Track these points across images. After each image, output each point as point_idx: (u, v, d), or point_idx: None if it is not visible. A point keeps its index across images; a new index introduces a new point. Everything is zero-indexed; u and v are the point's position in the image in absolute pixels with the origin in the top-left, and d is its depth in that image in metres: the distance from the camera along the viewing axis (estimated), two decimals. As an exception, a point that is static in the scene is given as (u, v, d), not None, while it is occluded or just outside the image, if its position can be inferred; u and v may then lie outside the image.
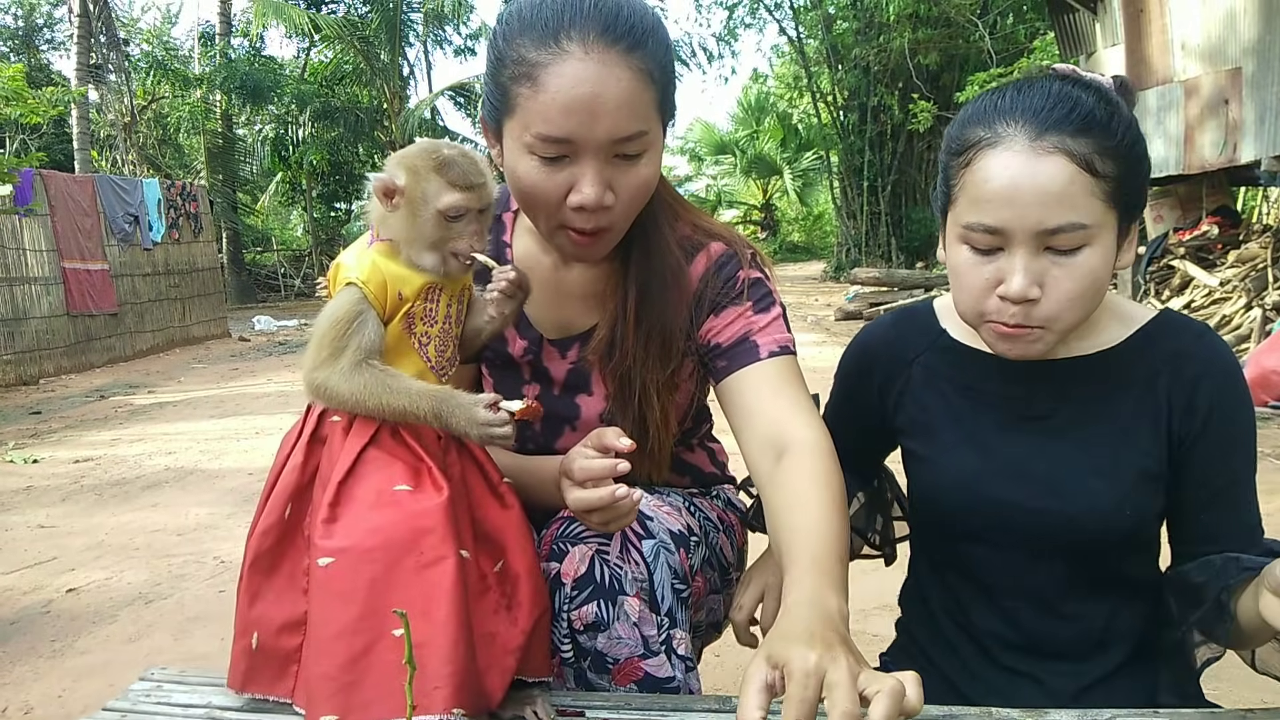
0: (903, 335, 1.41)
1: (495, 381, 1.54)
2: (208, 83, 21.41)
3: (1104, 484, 1.24)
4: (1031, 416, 1.29)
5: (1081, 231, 1.11)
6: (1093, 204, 1.11)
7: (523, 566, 1.22)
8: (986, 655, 1.35)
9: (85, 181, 12.51)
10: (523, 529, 1.25)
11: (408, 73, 22.92)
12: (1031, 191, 1.10)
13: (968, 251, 1.18)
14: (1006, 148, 1.12)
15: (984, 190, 1.13)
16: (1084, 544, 1.27)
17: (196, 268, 14.80)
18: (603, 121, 1.23)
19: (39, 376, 11.01)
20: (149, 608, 3.65)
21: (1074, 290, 1.14)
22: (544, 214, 1.32)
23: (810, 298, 17.30)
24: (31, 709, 2.87)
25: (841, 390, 1.49)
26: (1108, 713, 1.15)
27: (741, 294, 1.42)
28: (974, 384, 1.33)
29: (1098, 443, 1.25)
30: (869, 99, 20.33)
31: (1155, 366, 1.25)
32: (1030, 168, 1.10)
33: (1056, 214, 1.10)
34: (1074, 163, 1.09)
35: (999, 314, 1.17)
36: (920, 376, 1.37)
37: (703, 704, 1.23)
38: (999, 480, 1.28)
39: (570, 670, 1.29)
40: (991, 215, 1.13)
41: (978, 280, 1.18)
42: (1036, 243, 1.12)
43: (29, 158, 11.16)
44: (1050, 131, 1.11)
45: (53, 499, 5.47)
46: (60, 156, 18.41)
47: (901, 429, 1.40)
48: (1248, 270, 8.14)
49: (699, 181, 36.39)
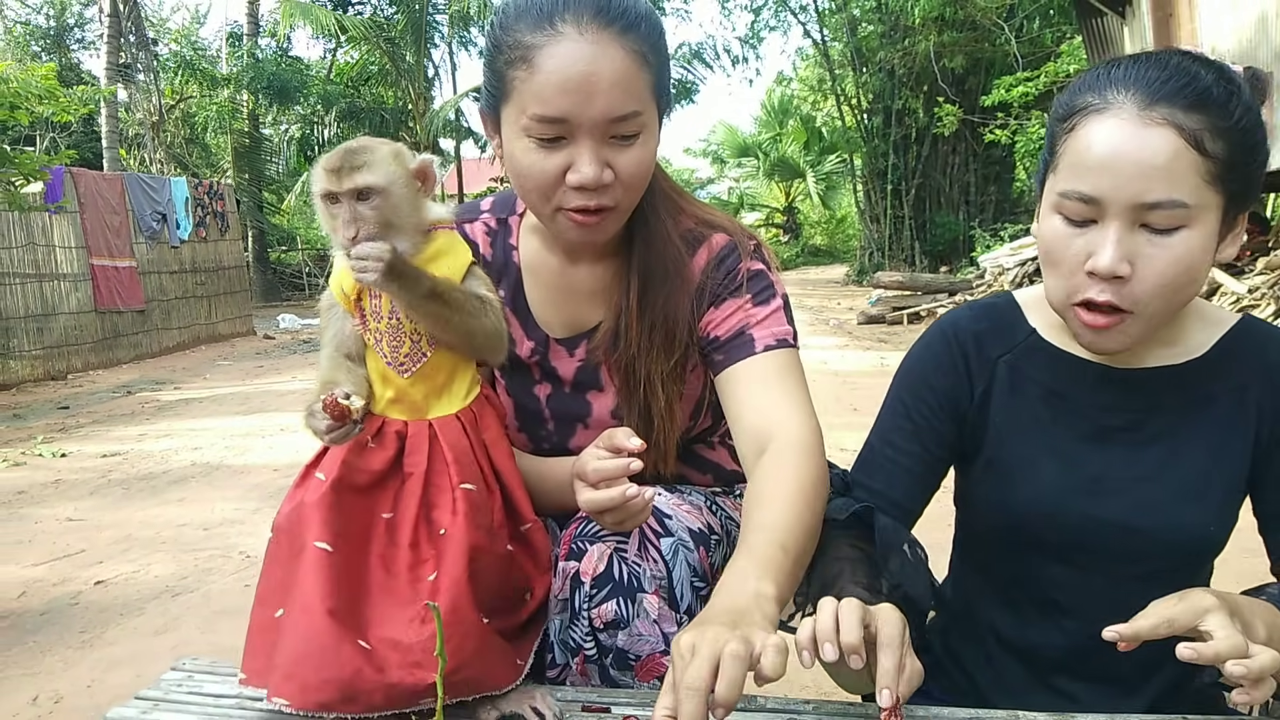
0: (988, 330, 1.31)
1: (507, 383, 1.55)
2: (235, 82, 21.61)
3: (1193, 500, 1.20)
4: (1118, 428, 1.23)
5: (1181, 210, 1.05)
6: (1196, 183, 1.05)
7: (450, 580, 1.17)
8: (1033, 672, 1.32)
9: (114, 179, 12.66)
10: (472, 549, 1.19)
11: (433, 74, 23.12)
12: (1133, 162, 1.05)
13: (1060, 222, 1.12)
14: (1114, 115, 1.07)
15: (1085, 157, 1.08)
16: (1167, 562, 1.22)
17: (223, 266, 14.94)
18: (597, 100, 1.25)
19: (67, 372, 11.15)
20: (176, 601, 3.70)
21: (1166, 273, 1.07)
22: (543, 197, 1.33)
23: (833, 301, 17.25)
24: (62, 698, 2.92)
25: (913, 393, 1.33)
26: (1135, 718, 1.16)
27: (741, 286, 1.43)
28: (1061, 389, 1.26)
29: (1186, 457, 1.21)
30: (893, 102, 20.26)
31: (1244, 379, 1.20)
32: (1135, 137, 1.05)
33: (1156, 188, 1.04)
34: (1182, 137, 1.04)
35: (1086, 293, 1.11)
36: (1005, 377, 1.29)
37: (725, 701, 1.24)
38: (1085, 496, 1.23)
39: (594, 667, 1.30)
40: (1089, 183, 1.07)
41: (1068, 254, 1.12)
42: (1132, 217, 1.06)
43: (60, 155, 11.32)
44: (1161, 103, 1.05)
45: (81, 492, 5.55)
46: (89, 155, 18.62)
47: (977, 435, 1.31)
48: (1276, 277, 8.06)
49: (721, 184, 36.42)
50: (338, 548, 1.17)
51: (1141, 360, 1.22)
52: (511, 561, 1.26)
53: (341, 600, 1.15)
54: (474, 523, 1.19)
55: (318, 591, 1.14)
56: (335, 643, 1.12)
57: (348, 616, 1.14)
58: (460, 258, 1.29)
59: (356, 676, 1.10)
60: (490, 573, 1.21)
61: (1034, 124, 15.23)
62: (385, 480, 1.24)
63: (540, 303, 1.52)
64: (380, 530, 1.21)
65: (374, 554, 1.20)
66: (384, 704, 1.11)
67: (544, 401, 1.54)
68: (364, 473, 1.22)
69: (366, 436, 1.25)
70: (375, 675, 1.11)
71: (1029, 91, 14.53)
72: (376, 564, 1.19)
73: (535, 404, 1.54)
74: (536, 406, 1.54)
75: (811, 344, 10.63)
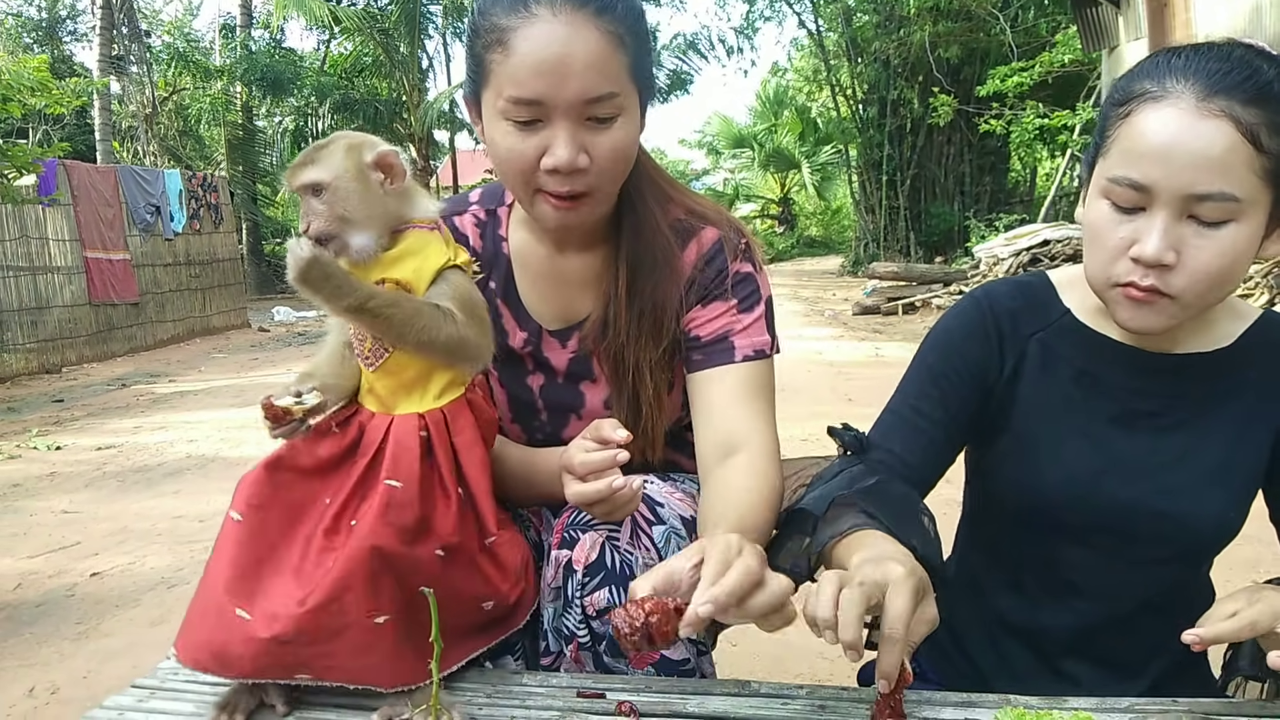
0: (1023, 307, 1.31)
1: (500, 374, 1.56)
2: (228, 74, 21.51)
3: (1216, 486, 1.21)
4: (1146, 412, 1.24)
5: (1231, 204, 1.05)
6: (1249, 178, 1.04)
7: (340, 571, 1.17)
8: (1039, 656, 1.32)
9: (108, 172, 12.62)
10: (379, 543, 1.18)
11: (427, 65, 23.00)
12: (1187, 153, 1.04)
13: (1108, 207, 1.12)
14: (1172, 104, 1.06)
15: (1139, 144, 1.08)
16: (1184, 547, 1.24)
17: (217, 258, 14.91)
18: (572, 82, 1.26)
19: (61, 365, 11.13)
20: (171, 592, 3.70)
21: (1211, 266, 1.07)
22: (521, 180, 1.34)
23: (828, 292, 17.27)
24: (58, 689, 2.93)
25: (944, 358, 1.32)
26: (1125, 701, 1.16)
27: (729, 290, 1.45)
28: (1092, 370, 1.26)
29: (1210, 444, 1.22)
30: (888, 93, 20.24)
31: (1267, 371, 1.22)
32: (1191, 127, 1.04)
33: (1208, 180, 1.04)
34: (1239, 131, 1.03)
35: (1128, 277, 1.10)
36: (1036, 355, 1.28)
37: (721, 687, 1.25)
38: (1109, 478, 1.23)
39: (588, 654, 1.31)
40: (1141, 171, 1.07)
41: (1113, 239, 1.11)
42: (1181, 208, 1.06)
43: (53, 148, 11.30)
44: (1220, 95, 1.04)
45: (76, 485, 5.55)
46: (82, 147, 18.55)
47: (1003, 411, 1.30)
48: (1270, 266, 8.07)
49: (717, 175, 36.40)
50: (247, 518, 1.22)
51: (1173, 346, 1.23)
52: (453, 568, 1.24)
53: (240, 568, 1.19)
54: (384, 520, 1.18)
55: (220, 557, 1.20)
56: (217, 609, 1.17)
57: (241, 584, 1.18)
58: (430, 260, 1.28)
59: (228, 643, 1.15)
60: (404, 573, 1.19)
61: (1028, 114, 15.22)
62: (337, 467, 1.26)
63: (531, 293, 1.52)
64: (316, 512, 1.24)
65: (301, 533, 1.22)
66: (252, 672, 1.15)
67: (537, 392, 1.54)
68: (310, 457, 1.26)
69: (331, 423, 1.28)
70: (242, 646, 1.14)
71: (1024, 82, 14.53)
72: (299, 542, 1.22)
73: (528, 395, 1.55)
74: (530, 397, 1.55)
75: (806, 335, 10.64)
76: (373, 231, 1.25)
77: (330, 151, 1.24)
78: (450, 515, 1.25)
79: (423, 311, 1.24)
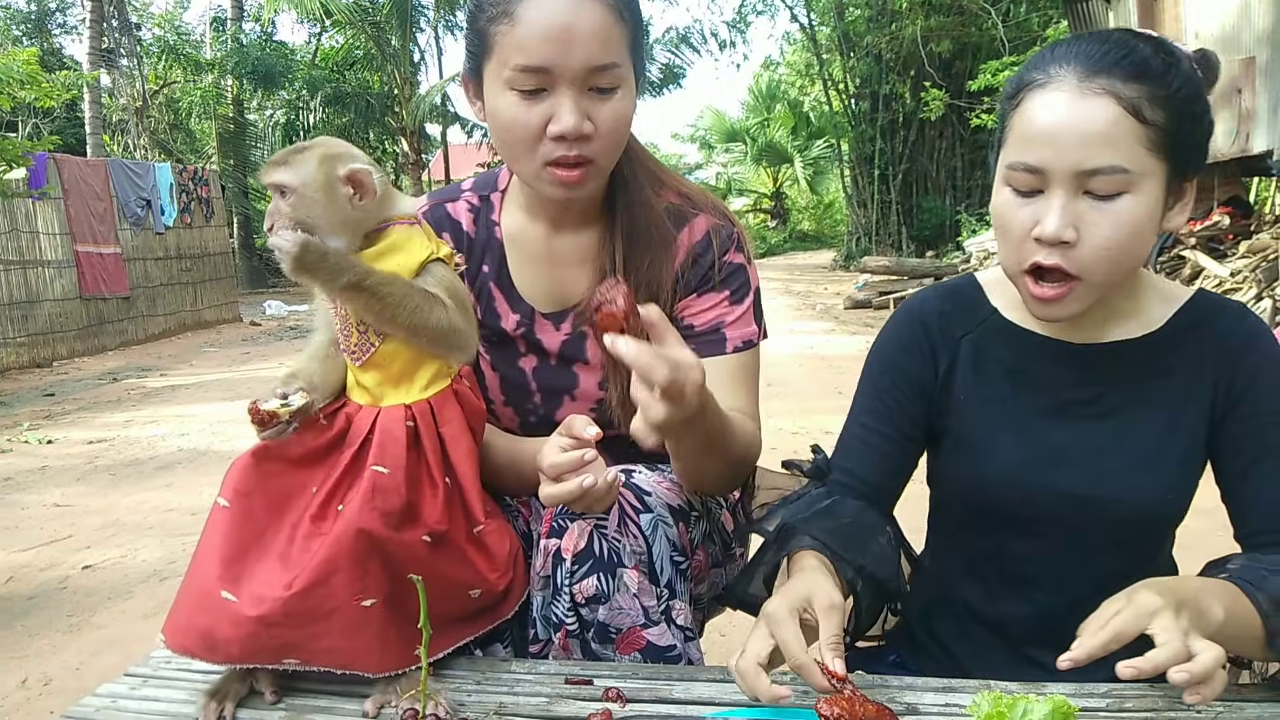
0: (952, 310, 1.35)
1: (492, 359, 1.57)
2: (219, 67, 21.44)
3: (1150, 470, 1.23)
4: (1078, 401, 1.27)
5: (1121, 176, 1.09)
6: (1136, 150, 1.09)
7: (326, 553, 1.18)
8: (1006, 644, 1.34)
9: (98, 165, 12.58)
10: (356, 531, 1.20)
11: (419, 58, 22.94)
12: (1073, 131, 1.09)
13: (1009, 193, 1.17)
14: (1056, 87, 1.11)
15: (1029, 129, 1.13)
16: (1129, 532, 1.25)
17: (208, 252, 14.88)
18: (577, 50, 1.30)
19: (52, 359, 11.10)
20: (164, 585, 3.71)
21: (1110, 238, 1.11)
22: (525, 150, 1.37)
23: (820, 286, 17.29)
24: (50, 680, 2.94)
25: (883, 375, 1.37)
26: (1104, 686, 1.19)
27: (723, 280, 1.49)
28: (1022, 365, 1.29)
29: (1144, 428, 1.24)
30: (881, 87, 20.26)
31: (1200, 348, 1.23)
32: (1075, 106, 1.09)
33: (1096, 155, 1.08)
34: (1121, 105, 1.08)
35: (1034, 259, 1.14)
36: (968, 355, 1.33)
37: (707, 674, 1.26)
38: (1046, 468, 1.26)
39: (576, 642, 1.33)
40: (1033, 154, 1.12)
41: (1016, 224, 1.15)
42: (1075, 184, 1.10)
43: (43, 141, 11.24)
44: (1100, 74, 1.09)
45: (68, 479, 5.54)
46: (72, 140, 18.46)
47: (943, 413, 1.34)
48: (1258, 261, 8.11)
49: (709, 169, 36.39)
50: (235, 505, 1.24)
51: (1100, 335, 1.25)
52: (440, 555, 1.26)
53: (228, 554, 1.20)
54: (371, 504, 1.20)
55: (207, 544, 1.22)
56: (204, 593, 1.19)
57: (228, 569, 1.19)
58: (414, 254, 1.30)
59: (215, 627, 1.16)
60: (391, 558, 1.21)
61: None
62: (324, 457, 1.28)
63: (524, 275, 1.54)
64: (303, 501, 1.25)
65: (288, 520, 1.24)
66: (240, 656, 1.17)
67: (530, 374, 1.56)
68: (298, 446, 1.28)
69: (319, 415, 1.30)
70: (230, 629, 1.16)
71: (1015, 76, 14.53)
72: (285, 529, 1.24)
73: (521, 377, 1.56)
74: (523, 380, 1.56)
75: (798, 329, 10.67)
76: (337, 236, 1.27)
77: (305, 158, 1.26)
78: (437, 504, 1.26)
79: (415, 293, 1.26)
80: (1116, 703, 1.15)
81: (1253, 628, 1.10)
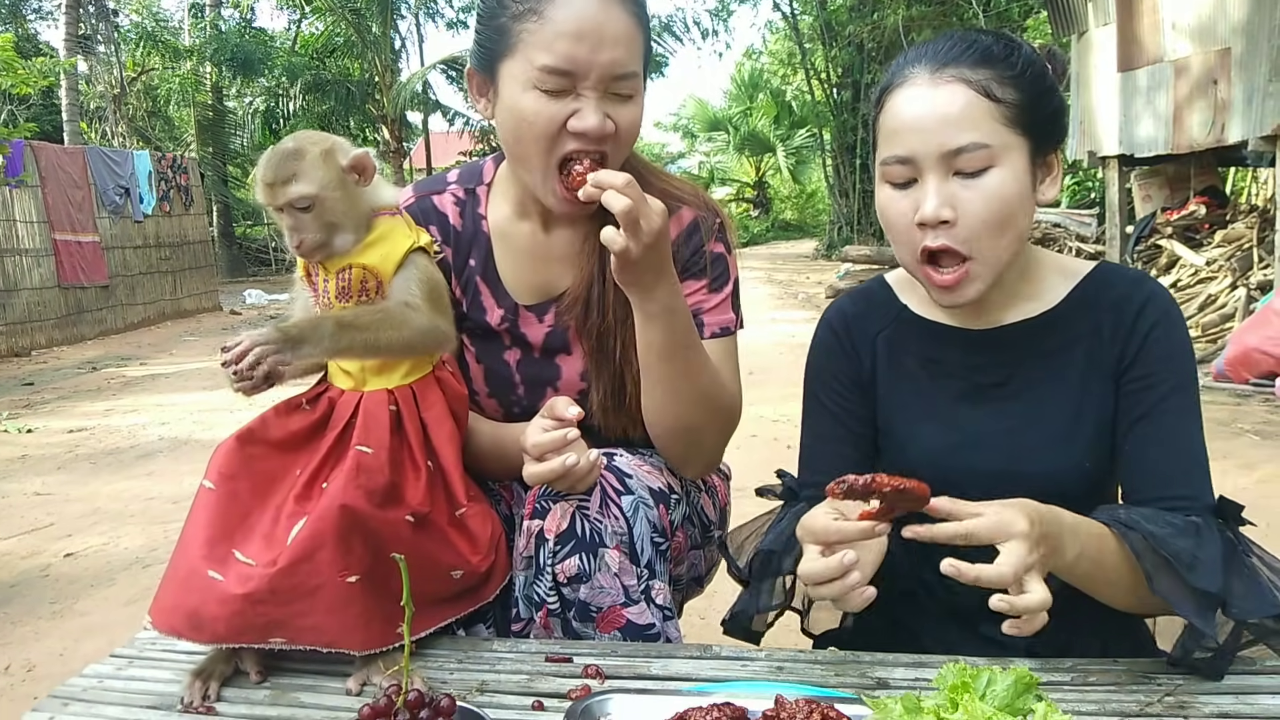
0: (864, 312, 1.43)
1: (476, 351, 1.59)
2: (198, 54, 21.25)
3: (1064, 443, 1.28)
4: (989, 384, 1.33)
5: (984, 151, 1.18)
6: (994, 126, 1.18)
7: (309, 530, 1.21)
8: (961, 623, 1.38)
9: (76, 153, 12.46)
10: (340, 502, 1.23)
11: (399, 45, 22.81)
12: (933, 117, 1.19)
13: (888, 189, 1.25)
14: (911, 83, 1.22)
15: (893, 124, 1.23)
16: (1053, 503, 1.25)
17: (187, 240, 14.77)
18: (605, 53, 1.33)
19: (30, 348, 11.01)
20: (146, 571, 3.71)
21: (986, 210, 1.19)
22: (544, 148, 1.38)
23: (802, 276, 17.34)
24: (34, 666, 2.94)
25: (822, 385, 1.43)
26: (1068, 661, 1.22)
27: (703, 269, 1.52)
28: (934, 355, 1.36)
29: (1055, 401, 1.29)
30: (863, 76, 20.28)
31: (1099, 317, 1.29)
32: (931, 96, 1.20)
33: (958, 135, 1.18)
34: (971, 88, 1.18)
35: (921, 244, 1.22)
36: (884, 352, 1.40)
37: (685, 651, 1.30)
38: (967, 451, 1.31)
39: (557, 620, 1.36)
40: (901, 145, 1.21)
41: (898, 215, 1.24)
42: (944, 166, 1.19)
43: (19, 129, 11.14)
44: (949, 65, 1.20)
45: (48, 467, 5.52)
46: (49, 127, 18.28)
47: (874, 406, 1.41)
48: (1233, 250, 8.20)
49: (692, 158, 36.36)
50: (220, 487, 1.26)
51: (1001, 318, 1.32)
52: (423, 536, 1.28)
53: (213, 534, 1.23)
54: (355, 482, 1.23)
55: (193, 525, 1.24)
56: (190, 572, 1.21)
57: (214, 549, 1.22)
58: (397, 245, 1.33)
59: (202, 605, 1.18)
60: (374, 536, 1.23)
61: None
62: (308, 440, 1.31)
63: (510, 269, 1.56)
64: (287, 483, 1.28)
65: (272, 503, 1.27)
66: (226, 634, 1.19)
67: (514, 367, 1.58)
68: (281, 430, 1.31)
69: (302, 399, 1.33)
70: (216, 607, 1.18)
71: (996, 66, 14.58)
72: (270, 510, 1.26)
73: (505, 369, 1.58)
74: (507, 372, 1.58)
75: (780, 318, 10.70)
76: (352, 230, 1.31)
77: (310, 162, 1.27)
78: (420, 486, 1.29)
79: (388, 312, 1.29)
80: (1080, 676, 1.18)
81: (1114, 573, 1.15)
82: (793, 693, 1.02)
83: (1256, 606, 1.12)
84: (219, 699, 1.19)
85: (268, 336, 1.20)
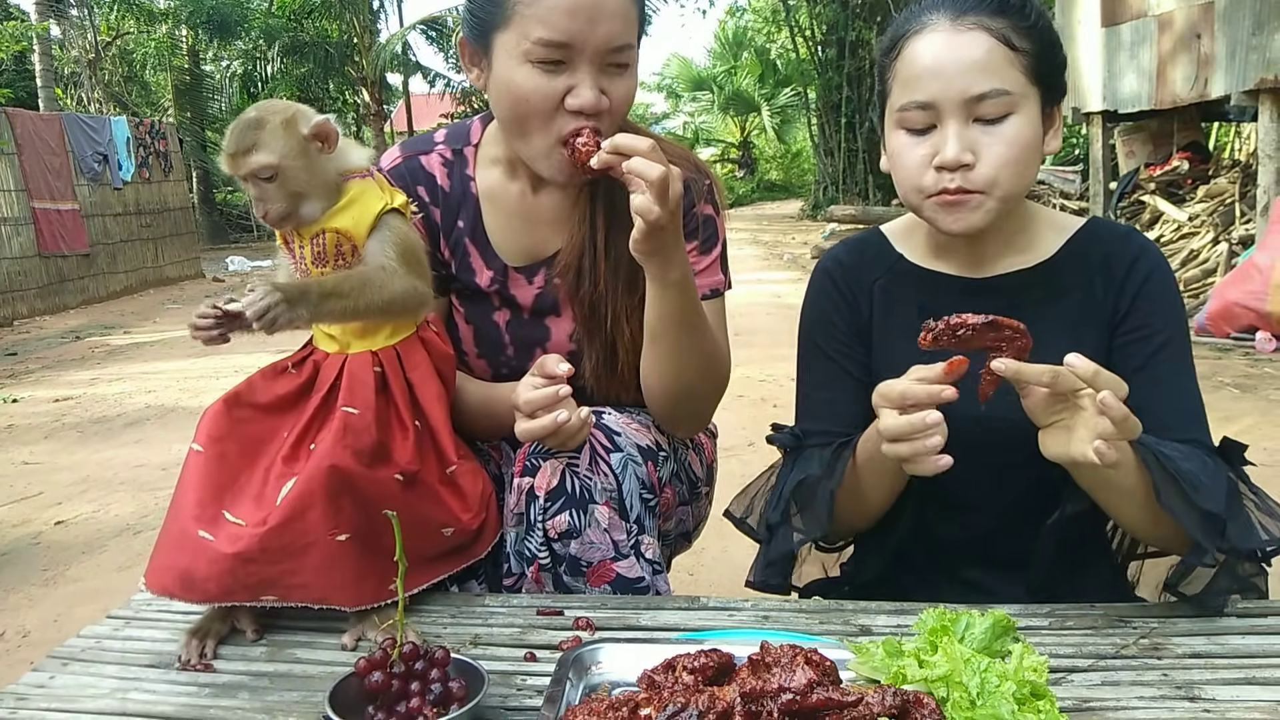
0: (860, 261, 1.45)
1: (466, 312, 1.60)
2: (173, 17, 20.84)
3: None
4: None
5: (1006, 98, 1.21)
6: (1014, 74, 1.22)
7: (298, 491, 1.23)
8: (948, 570, 1.42)
9: (52, 120, 12.29)
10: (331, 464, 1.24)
11: (378, 5, 22.44)
12: (956, 63, 1.22)
13: (904, 135, 1.27)
14: (932, 29, 1.25)
15: (914, 69, 1.25)
16: (1037, 449, 1.31)
17: (168, 207, 14.62)
18: (601, 27, 1.33)
19: (12, 318, 10.92)
20: (137, 538, 3.73)
21: (1006, 154, 1.22)
22: (540, 125, 1.39)
23: (787, 236, 17.32)
24: (29, 632, 2.97)
25: (821, 332, 1.45)
26: (1047, 606, 1.26)
27: (694, 231, 1.52)
28: (929, 303, 1.36)
29: (1044, 351, 1.29)
30: (847, 34, 20.09)
31: (1090, 271, 1.33)
32: (954, 42, 1.23)
33: (981, 81, 1.21)
34: (993, 36, 1.22)
35: (937, 185, 1.25)
36: (880, 300, 1.42)
37: (673, 602, 1.33)
38: (961, 397, 1.30)
39: (548, 575, 1.38)
40: (922, 91, 1.24)
41: (914, 159, 1.26)
42: (965, 112, 1.22)
43: (-7, 95, 10.96)
44: (969, 13, 1.23)
45: (35, 437, 5.51)
46: (23, 94, 17.94)
47: (870, 352, 1.43)
48: (1216, 205, 8.23)
49: (676, 119, 36.06)
50: (209, 449, 1.28)
51: (997, 268, 1.36)
52: (413, 495, 1.30)
53: (203, 496, 1.25)
54: (343, 443, 1.25)
55: (184, 488, 1.26)
56: (181, 534, 1.23)
57: (204, 510, 1.24)
58: (369, 207, 1.33)
59: (194, 566, 1.20)
60: (364, 495, 1.25)
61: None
62: (294, 403, 1.32)
63: (499, 231, 1.56)
64: (275, 446, 1.29)
65: (261, 465, 1.28)
66: (219, 594, 1.21)
67: (504, 328, 1.59)
68: (267, 393, 1.33)
69: (287, 363, 1.35)
70: (208, 567, 1.20)
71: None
72: (259, 472, 1.28)
73: (495, 331, 1.60)
74: (496, 333, 1.60)
75: (765, 279, 10.70)
76: (320, 197, 1.31)
77: (270, 132, 1.27)
78: (408, 446, 1.30)
79: (367, 277, 1.30)
80: (1058, 620, 1.22)
81: (1130, 478, 1.18)
82: (778, 639, 1.05)
83: (1246, 537, 1.17)
84: (216, 656, 1.21)
85: (279, 296, 1.22)
